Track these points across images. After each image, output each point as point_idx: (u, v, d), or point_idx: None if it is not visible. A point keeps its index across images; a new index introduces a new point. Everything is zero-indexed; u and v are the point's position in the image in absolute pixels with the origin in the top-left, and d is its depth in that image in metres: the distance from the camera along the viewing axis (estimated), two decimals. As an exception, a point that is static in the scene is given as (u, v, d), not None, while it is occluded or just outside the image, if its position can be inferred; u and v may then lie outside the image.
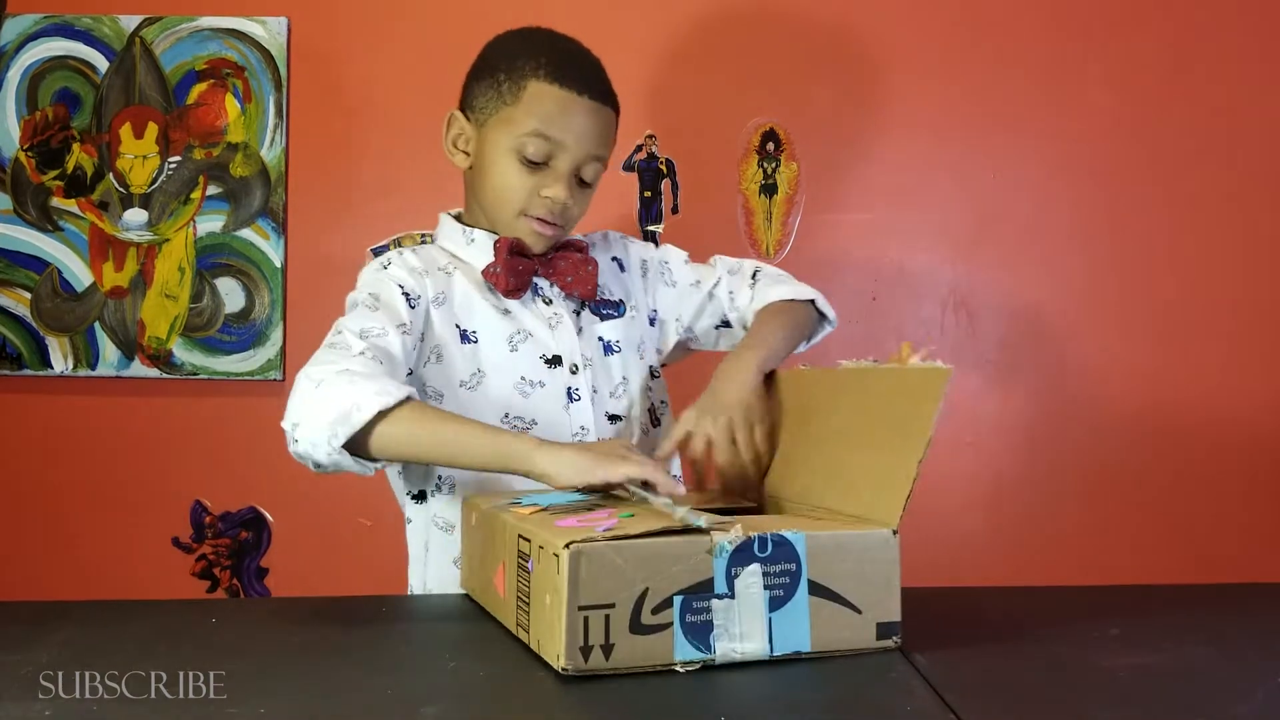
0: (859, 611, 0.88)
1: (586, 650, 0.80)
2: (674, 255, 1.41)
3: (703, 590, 0.82)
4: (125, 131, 1.85)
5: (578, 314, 1.29)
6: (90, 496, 1.86)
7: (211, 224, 1.86)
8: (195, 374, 1.85)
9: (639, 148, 1.88)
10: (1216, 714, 0.78)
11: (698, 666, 0.83)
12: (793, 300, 1.33)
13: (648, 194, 1.88)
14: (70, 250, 1.85)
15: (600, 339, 1.29)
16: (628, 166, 1.88)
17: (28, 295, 1.85)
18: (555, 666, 0.81)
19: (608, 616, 0.80)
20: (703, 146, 1.88)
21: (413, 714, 0.75)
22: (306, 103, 1.86)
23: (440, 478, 1.23)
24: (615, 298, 1.33)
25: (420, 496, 1.25)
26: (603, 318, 1.31)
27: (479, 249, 1.26)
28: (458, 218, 1.32)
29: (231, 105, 1.85)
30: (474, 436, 1.05)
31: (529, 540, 0.88)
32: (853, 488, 0.99)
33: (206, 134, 1.86)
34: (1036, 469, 1.90)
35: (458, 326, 1.23)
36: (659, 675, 0.83)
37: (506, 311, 1.25)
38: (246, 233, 1.85)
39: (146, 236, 1.85)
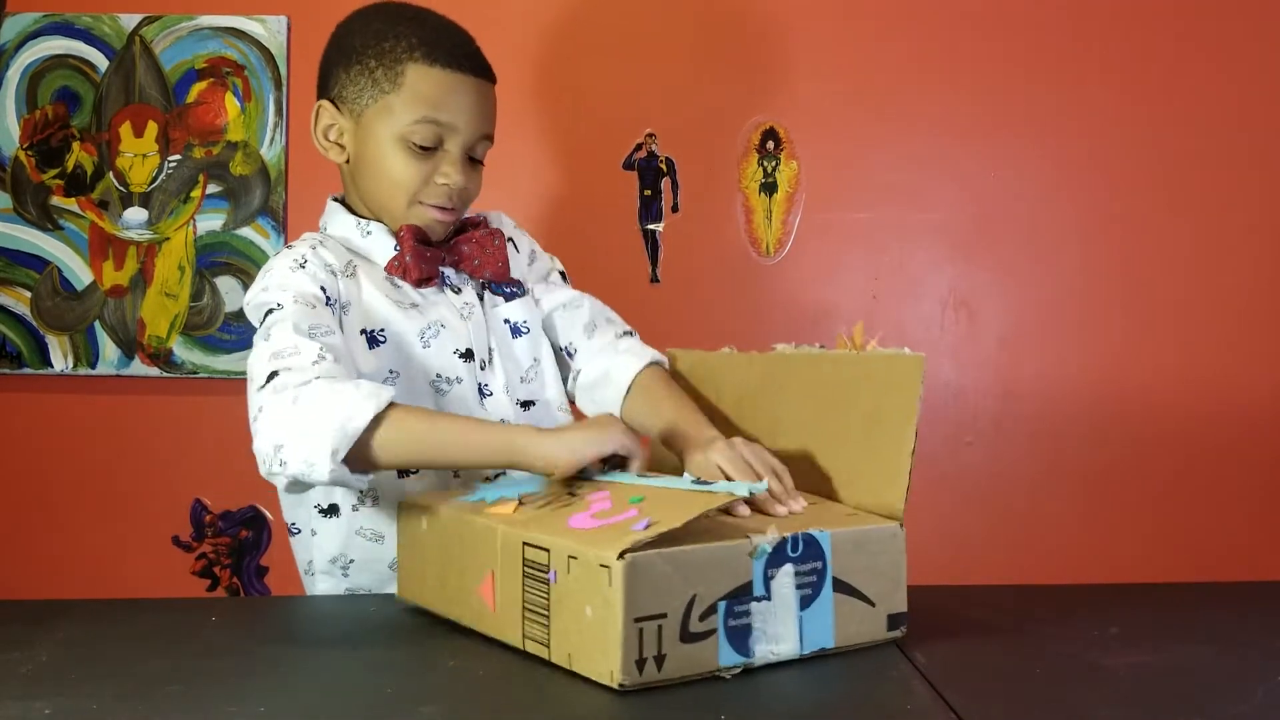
0: (873, 605, 0.89)
1: (641, 663, 0.78)
2: (555, 263, 1.36)
3: (743, 594, 0.82)
4: (125, 130, 1.85)
5: (481, 299, 1.23)
6: (90, 495, 1.86)
7: (211, 223, 1.85)
8: (195, 373, 1.84)
9: (639, 146, 1.88)
10: (1216, 713, 0.78)
11: (739, 671, 0.82)
12: (659, 365, 1.26)
13: (648, 192, 1.88)
14: (70, 249, 1.85)
15: (506, 321, 1.24)
16: (628, 165, 1.88)
17: (28, 294, 1.85)
18: (608, 682, 0.78)
19: (660, 627, 0.78)
20: (703, 145, 1.88)
21: (413, 714, 0.75)
22: (306, 101, 1.84)
23: (363, 491, 1.14)
24: (515, 277, 1.27)
25: (332, 510, 1.17)
26: (507, 297, 1.25)
27: (376, 241, 1.19)
28: (345, 206, 1.23)
29: (231, 104, 1.85)
30: (473, 433, 1.01)
31: (545, 550, 0.85)
32: (845, 484, 0.98)
33: (206, 133, 1.85)
34: (1036, 469, 1.90)
35: (364, 331, 1.14)
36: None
37: (414, 305, 1.18)
38: (246, 231, 1.85)
39: (146, 235, 1.85)
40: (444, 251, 1.20)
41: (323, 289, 1.11)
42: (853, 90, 1.88)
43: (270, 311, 1.07)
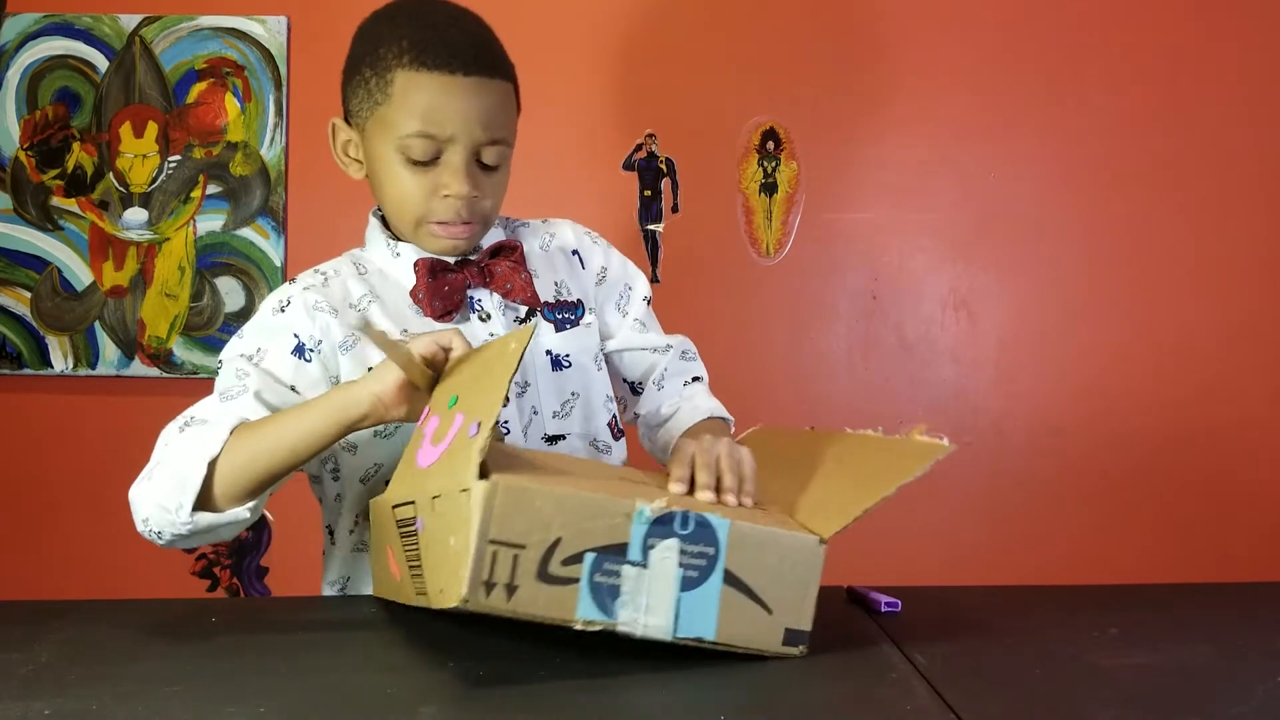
0: (769, 611, 0.85)
1: (490, 586, 0.76)
2: (639, 284, 1.25)
3: (616, 553, 0.80)
4: (125, 130, 1.85)
5: (520, 324, 1.13)
6: (90, 496, 1.86)
7: (211, 223, 1.85)
8: (195, 373, 1.84)
9: (639, 147, 1.88)
10: (1216, 714, 0.78)
11: (598, 628, 0.80)
12: (723, 419, 1.23)
13: (648, 193, 1.88)
14: (70, 249, 1.85)
15: (548, 353, 1.14)
16: (628, 166, 1.88)
17: (28, 294, 1.85)
18: (456, 603, 0.76)
19: (516, 556, 0.77)
20: (703, 146, 1.88)
21: (412, 714, 0.75)
22: (306, 102, 1.86)
23: (358, 517, 1.13)
24: (573, 298, 1.18)
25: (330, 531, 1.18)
26: (557, 325, 1.15)
27: (405, 264, 1.12)
28: (383, 222, 1.17)
29: (231, 104, 1.85)
30: (300, 418, 0.97)
31: (411, 503, 0.85)
32: (802, 503, 0.96)
33: (206, 133, 1.86)
34: (1036, 469, 1.90)
35: (370, 369, 1.04)
36: (658, 676, 0.83)
37: None
38: (246, 232, 1.85)
39: (146, 236, 1.85)
40: (472, 274, 1.12)
41: (296, 336, 1.07)
42: (853, 90, 1.89)
43: (221, 365, 1.08)
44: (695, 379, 1.27)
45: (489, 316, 1.12)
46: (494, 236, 1.18)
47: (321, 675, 0.85)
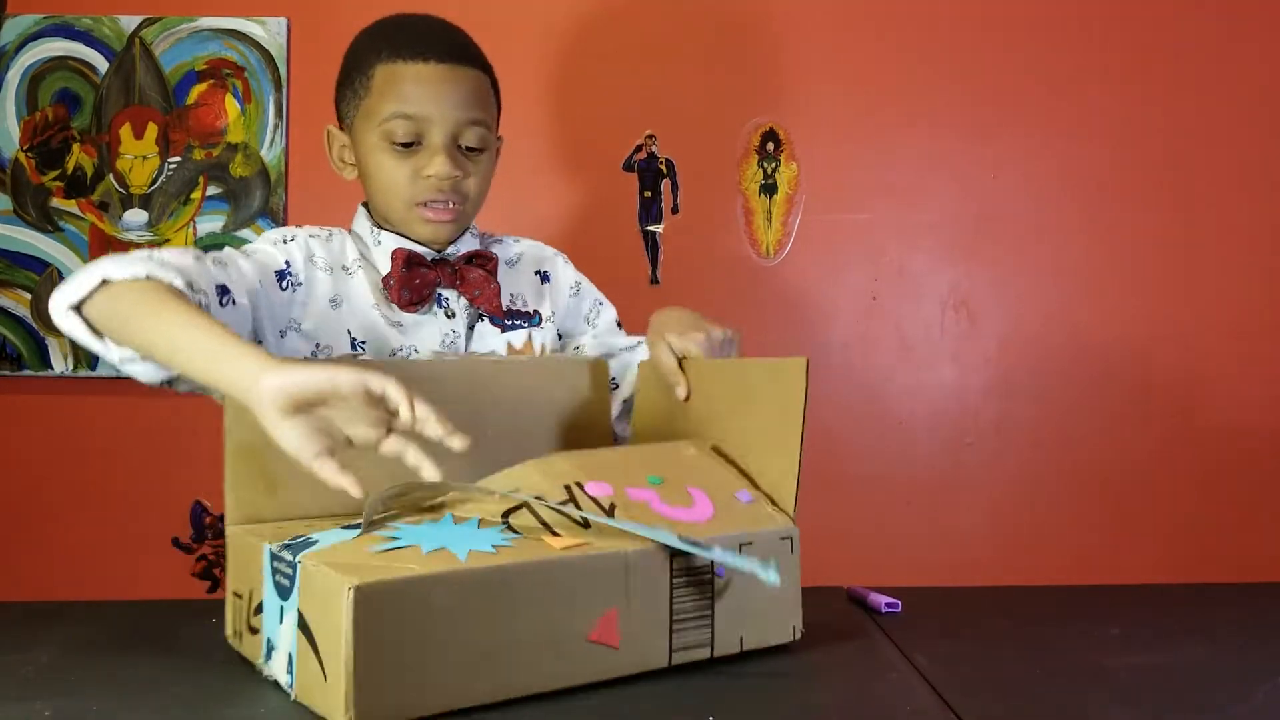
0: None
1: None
2: (610, 309, 1.32)
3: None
4: (125, 132, 1.85)
5: (472, 329, 1.21)
6: (90, 496, 1.86)
7: (211, 224, 1.86)
8: (195, 374, 1.84)
9: (639, 148, 1.88)
10: (1216, 714, 0.78)
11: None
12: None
13: (648, 194, 1.88)
14: (70, 251, 1.85)
15: (492, 354, 1.21)
16: (628, 166, 1.88)
17: (28, 295, 1.85)
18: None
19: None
20: (703, 146, 1.88)
21: None
22: (306, 103, 1.86)
23: None
24: (529, 309, 1.25)
25: None
26: (504, 329, 1.22)
27: (383, 252, 1.19)
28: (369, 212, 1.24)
29: (231, 105, 1.85)
30: (201, 330, 0.87)
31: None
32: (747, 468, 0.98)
33: (206, 134, 1.86)
34: (1036, 469, 1.90)
35: (349, 333, 1.15)
36: (656, 674, 0.83)
37: (398, 324, 1.17)
38: (247, 233, 1.85)
39: (146, 237, 1.85)
40: (445, 274, 1.18)
41: (288, 264, 1.14)
42: (853, 90, 1.89)
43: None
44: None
45: (454, 314, 1.19)
46: (471, 244, 1.24)
47: (321, 676, 0.85)
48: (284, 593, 0.79)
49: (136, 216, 1.85)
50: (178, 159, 1.86)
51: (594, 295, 1.33)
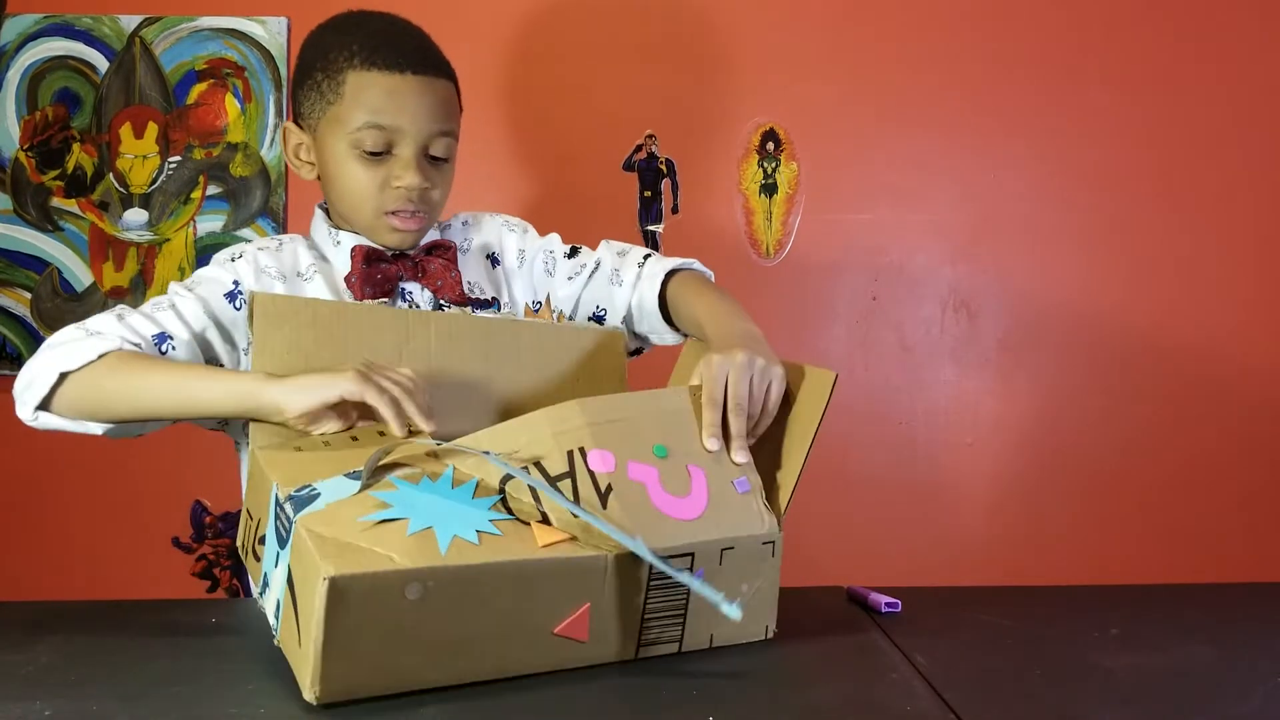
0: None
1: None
2: (556, 245, 1.29)
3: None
4: (125, 131, 1.85)
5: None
6: (90, 496, 1.86)
7: (212, 224, 1.86)
8: (195, 374, 1.84)
9: (639, 147, 1.88)
10: (1216, 714, 0.78)
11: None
12: (692, 270, 1.23)
13: (648, 194, 1.88)
14: (70, 250, 1.85)
15: (511, 314, 1.23)
16: (628, 166, 1.88)
17: (28, 295, 1.85)
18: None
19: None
20: (703, 146, 1.88)
21: (413, 714, 0.75)
22: (306, 103, 1.86)
23: None
24: (487, 296, 1.25)
25: None
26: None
27: (342, 252, 1.20)
28: (329, 213, 1.24)
29: (231, 105, 1.85)
30: (204, 378, 0.98)
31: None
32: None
33: (206, 134, 1.86)
34: (1036, 469, 1.90)
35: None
36: (653, 675, 0.83)
37: None
38: (247, 233, 1.85)
39: (146, 236, 1.85)
40: (406, 267, 1.19)
41: (236, 283, 1.15)
42: (853, 90, 1.89)
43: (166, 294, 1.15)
44: (646, 256, 1.25)
45: (417, 306, 1.20)
46: (432, 235, 1.25)
47: (321, 675, 0.85)
48: (281, 541, 0.82)
49: (137, 216, 1.85)
50: (178, 158, 1.86)
51: (538, 248, 1.29)
